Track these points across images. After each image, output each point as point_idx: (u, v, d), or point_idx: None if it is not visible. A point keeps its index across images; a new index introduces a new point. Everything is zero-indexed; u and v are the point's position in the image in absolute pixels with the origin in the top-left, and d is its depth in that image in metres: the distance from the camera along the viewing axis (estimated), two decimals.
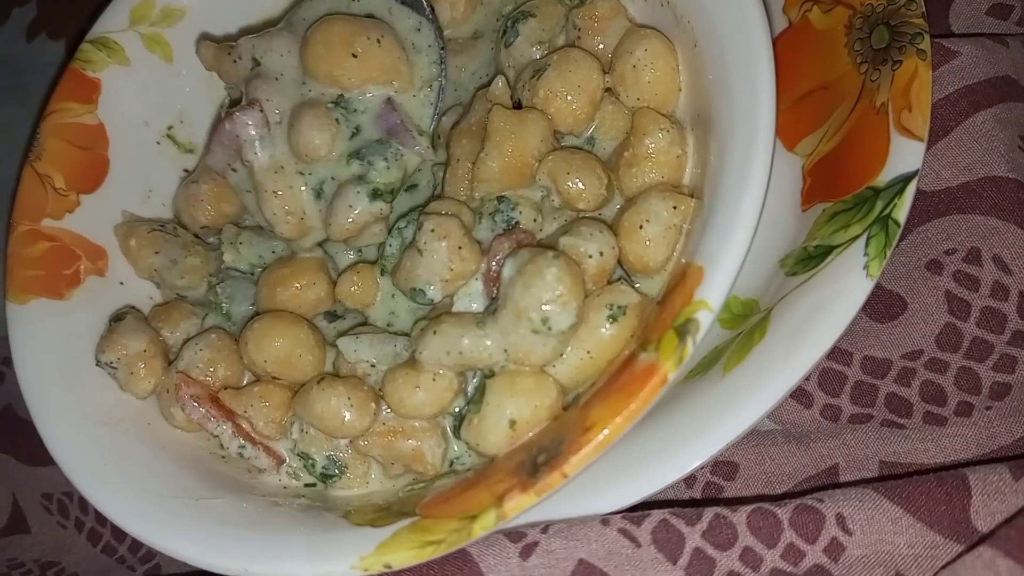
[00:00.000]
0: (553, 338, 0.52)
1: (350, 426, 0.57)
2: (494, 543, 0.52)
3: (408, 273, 0.58)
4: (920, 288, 0.62)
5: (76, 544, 0.78)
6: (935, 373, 0.60)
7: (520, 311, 0.52)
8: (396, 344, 0.59)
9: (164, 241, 0.69)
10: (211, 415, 0.61)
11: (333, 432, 0.58)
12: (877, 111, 0.58)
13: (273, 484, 0.61)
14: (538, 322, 0.51)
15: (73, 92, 0.72)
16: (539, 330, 0.52)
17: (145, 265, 0.69)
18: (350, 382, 0.58)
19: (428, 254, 0.56)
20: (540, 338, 0.52)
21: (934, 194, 0.63)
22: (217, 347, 0.63)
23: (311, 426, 0.59)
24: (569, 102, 0.59)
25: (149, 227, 0.70)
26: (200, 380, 0.62)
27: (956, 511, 0.49)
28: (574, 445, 0.48)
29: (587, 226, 0.55)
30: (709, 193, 0.53)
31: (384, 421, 0.58)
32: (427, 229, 0.56)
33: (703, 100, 0.57)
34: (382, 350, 0.59)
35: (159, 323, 0.66)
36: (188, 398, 0.61)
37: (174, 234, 0.70)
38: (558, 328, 0.51)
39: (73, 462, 0.59)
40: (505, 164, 0.59)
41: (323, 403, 0.57)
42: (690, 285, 0.49)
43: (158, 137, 0.75)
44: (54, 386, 0.63)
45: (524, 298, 0.52)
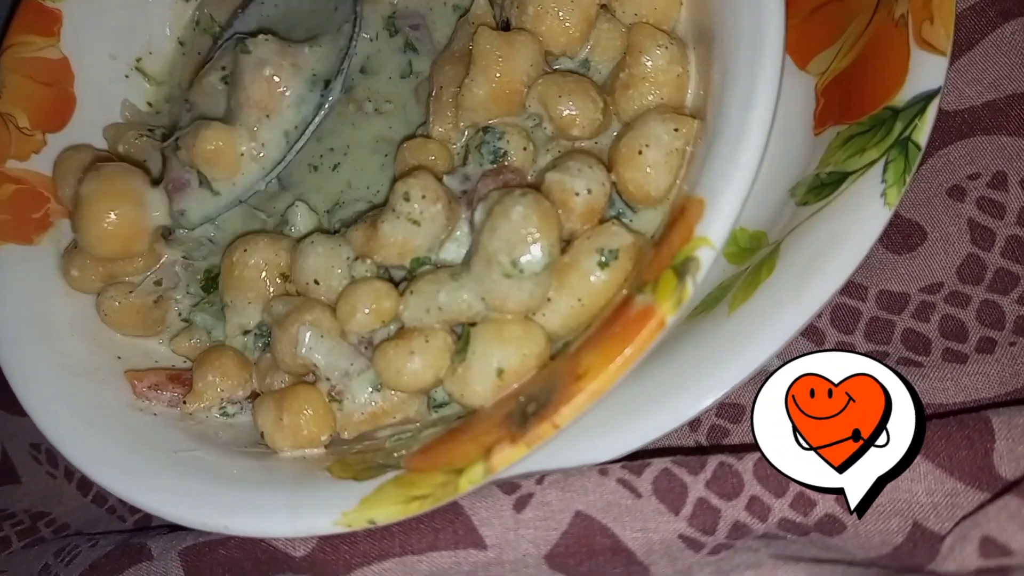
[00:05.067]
0: (528, 280, 0.49)
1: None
2: (487, 495, 0.51)
3: (403, 247, 0.54)
4: (941, 216, 0.59)
5: (66, 494, 0.77)
6: (956, 307, 0.58)
7: (490, 256, 0.49)
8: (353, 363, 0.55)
9: (152, 148, 0.66)
10: (177, 394, 0.60)
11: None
12: (896, 23, 0.54)
13: (247, 425, 0.59)
14: (508, 265, 0.49)
15: (32, 24, 0.68)
16: (511, 273, 0.49)
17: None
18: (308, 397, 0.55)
19: (427, 222, 0.53)
20: (514, 282, 0.49)
21: (957, 114, 0.60)
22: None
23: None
24: (561, 19, 0.56)
25: (138, 132, 0.67)
26: (149, 369, 0.60)
27: (978, 456, 0.47)
28: (565, 394, 0.45)
29: (576, 161, 0.52)
30: (712, 116, 0.50)
31: (363, 410, 0.55)
32: (416, 196, 0.52)
33: (706, 14, 0.53)
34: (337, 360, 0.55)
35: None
36: (147, 390, 0.60)
37: (162, 140, 0.67)
38: (531, 270, 0.48)
39: (45, 414, 0.57)
40: (492, 91, 0.56)
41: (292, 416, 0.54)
42: (690, 220, 0.46)
43: (126, 70, 0.71)
44: (25, 336, 0.60)
45: (492, 241, 0.49)
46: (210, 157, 0.60)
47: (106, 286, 0.62)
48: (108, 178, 0.60)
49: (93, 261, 0.61)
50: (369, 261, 0.55)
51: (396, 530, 0.50)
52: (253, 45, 0.61)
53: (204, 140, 0.60)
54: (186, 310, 0.63)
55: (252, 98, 0.61)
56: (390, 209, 0.53)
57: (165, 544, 0.57)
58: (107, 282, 0.62)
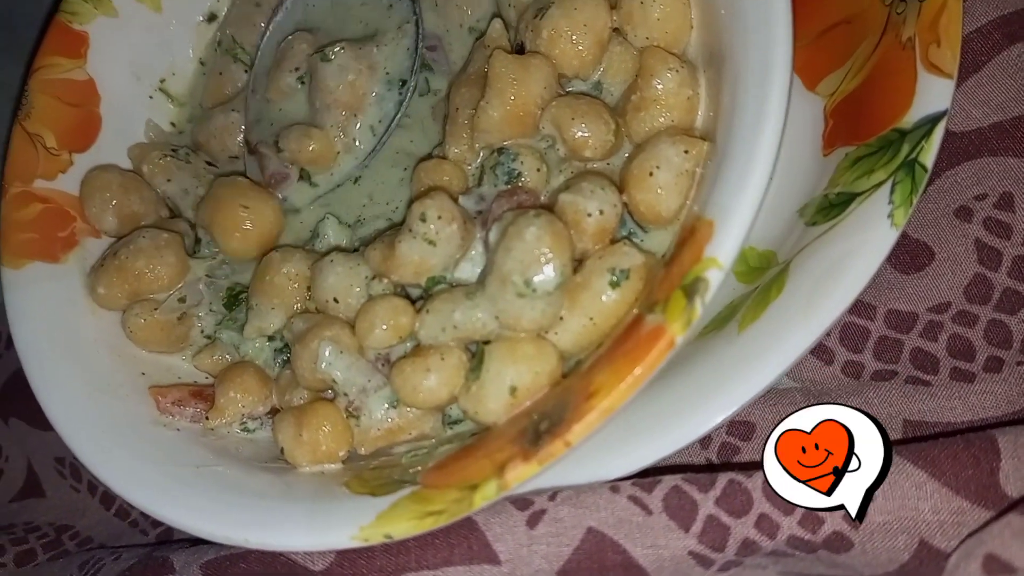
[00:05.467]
0: (540, 300, 0.50)
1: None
2: (501, 511, 0.51)
3: (419, 267, 0.55)
4: (948, 236, 0.59)
5: (90, 508, 0.78)
6: (963, 327, 0.58)
7: (504, 275, 0.50)
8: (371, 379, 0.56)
9: (177, 168, 0.68)
10: (200, 410, 0.61)
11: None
12: (903, 46, 0.55)
13: (267, 440, 0.60)
14: (521, 284, 0.49)
15: (60, 46, 0.70)
16: (524, 293, 0.50)
17: (157, 193, 0.68)
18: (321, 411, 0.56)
19: (443, 242, 0.54)
20: (527, 301, 0.50)
21: (964, 135, 0.60)
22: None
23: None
24: (574, 43, 0.57)
25: (162, 152, 0.69)
26: (172, 385, 0.62)
27: (984, 475, 0.47)
28: (577, 412, 0.46)
29: (588, 182, 0.53)
30: (721, 138, 0.50)
31: (379, 426, 0.56)
32: (432, 216, 0.53)
33: (716, 37, 0.54)
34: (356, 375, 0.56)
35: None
36: (170, 405, 0.61)
37: (186, 160, 0.69)
38: (543, 289, 0.49)
39: (72, 429, 0.58)
40: (507, 113, 0.57)
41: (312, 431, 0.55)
42: (699, 241, 0.47)
43: (150, 91, 0.73)
44: (52, 352, 0.62)
45: (507, 261, 0.50)
46: (311, 159, 0.65)
47: (131, 303, 0.63)
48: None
49: (119, 280, 0.63)
50: (386, 280, 0.56)
51: (412, 545, 0.50)
52: (333, 54, 0.64)
53: (305, 145, 0.64)
54: (209, 326, 0.64)
55: (339, 101, 0.65)
56: (407, 229, 0.54)
57: (187, 557, 0.58)
58: (132, 299, 0.63)
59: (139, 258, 0.62)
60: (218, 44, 0.74)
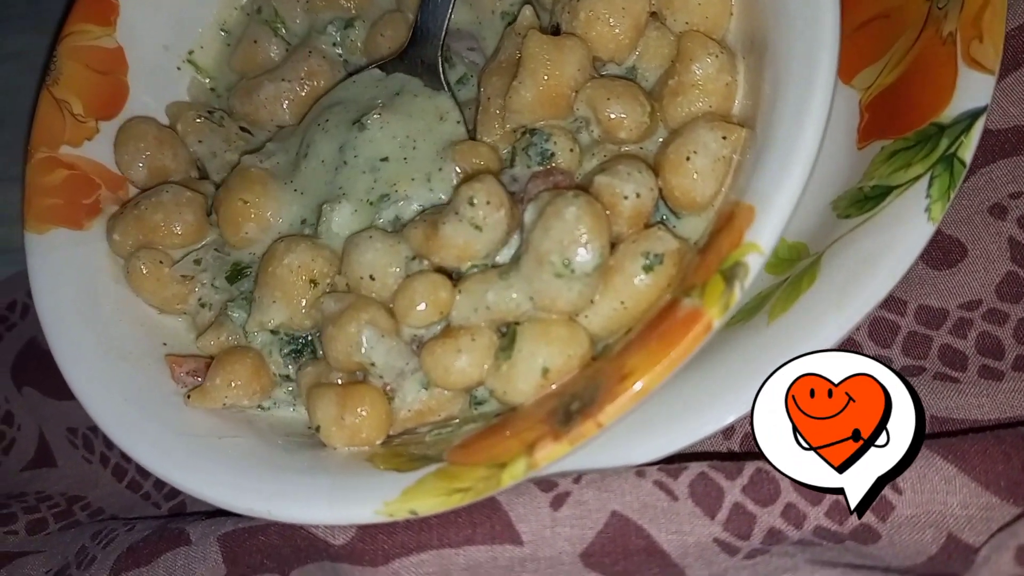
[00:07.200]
0: (578, 281, 0.49)
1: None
2: (524, 492, 0.51)
3: (463, 251, 0.54)
4: (982, 233, 0.59)
5: (102, 479, 0.77)
6: (993, 324, 0.58)
7: (541, 255, 0.50)
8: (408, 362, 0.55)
9: (209, 130, 0.68)
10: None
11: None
12: (944, 41, 0.55)
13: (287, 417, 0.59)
14: (560, 265, 0.49)
15: (90, 13, 0.70)
16: (562, 273, 0.49)
17: (190, 152, 0.68)
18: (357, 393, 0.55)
19: (489, 228, 0.53)
20: (564, 282, 0.49)
21: (1000, 132, 0.60)
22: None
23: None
24: (612, 26, 0.56)
25: (197, 112, 0.69)
26: (190, 355, 0.61)
27: (1014, 471, 0.47)
28: (610, 393, 0.46)
29: (625, 165, 0.52)
30: (762, 125, 0.50)
31: (410, 408, 0.55)
32: (482, 201, 0.52)
33: (757, 24, 0.54)
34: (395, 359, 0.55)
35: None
36: (184, 375, 0.60)
37: (220, 123, 0.69)
38: (582, 270, 0.49)
39: (94, 398, 0.58)
40: (539, 93, 0.56)
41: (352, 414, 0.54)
42: (739, 226, 0.47)
43: (178, 62, 0.72)
44: (73, 319, 0.61)
45: (544, 241, 0.49)
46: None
47: (139, 248, 0.63)
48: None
49: (135, 229, 0.63)
50: (427, 262, 0.55)
51: (434, 523, 0.50)
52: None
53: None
54: (207, 296, 0.63)
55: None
56: (452, 211, 0.53)
57: (204, 529, 0.58)
58: (142, 247, 0.63)
59: (158, 211, 0.62)
60: (258, 11, 0.73)
